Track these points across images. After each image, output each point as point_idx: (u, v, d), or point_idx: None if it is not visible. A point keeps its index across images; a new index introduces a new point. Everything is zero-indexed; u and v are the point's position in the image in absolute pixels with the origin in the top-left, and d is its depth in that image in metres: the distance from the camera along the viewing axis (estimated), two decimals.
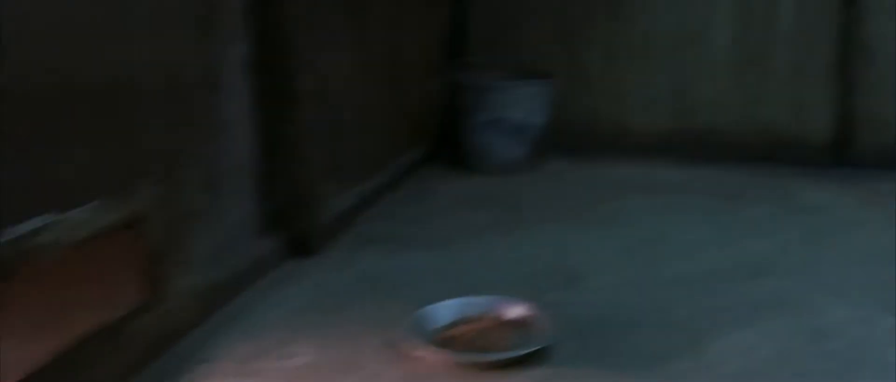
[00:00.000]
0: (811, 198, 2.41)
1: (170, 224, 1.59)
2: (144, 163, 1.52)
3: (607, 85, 2.89)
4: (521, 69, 2.79)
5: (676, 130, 2.89)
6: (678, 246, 2.06)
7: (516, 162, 2.71)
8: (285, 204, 1.97)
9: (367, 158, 2.41)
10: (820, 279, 1.83)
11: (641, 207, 2.36)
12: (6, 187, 1.21)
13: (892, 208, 2.28)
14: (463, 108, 2.73)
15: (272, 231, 1.96)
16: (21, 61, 1.21)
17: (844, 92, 2.72)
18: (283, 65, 1.90)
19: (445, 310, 1.61)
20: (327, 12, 2.09)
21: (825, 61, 2.71)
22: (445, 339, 1.53)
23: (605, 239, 2.10)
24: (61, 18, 1.30)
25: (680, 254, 2.00)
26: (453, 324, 1.58)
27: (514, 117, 2.68)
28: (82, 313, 1.41)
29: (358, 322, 1.65)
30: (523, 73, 2.76)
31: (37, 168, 1.27)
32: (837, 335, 1.57)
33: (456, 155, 2.78)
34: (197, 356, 1.51)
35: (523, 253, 2.01)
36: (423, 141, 2.84)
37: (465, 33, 2.92)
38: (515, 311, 1.60)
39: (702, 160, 2.77)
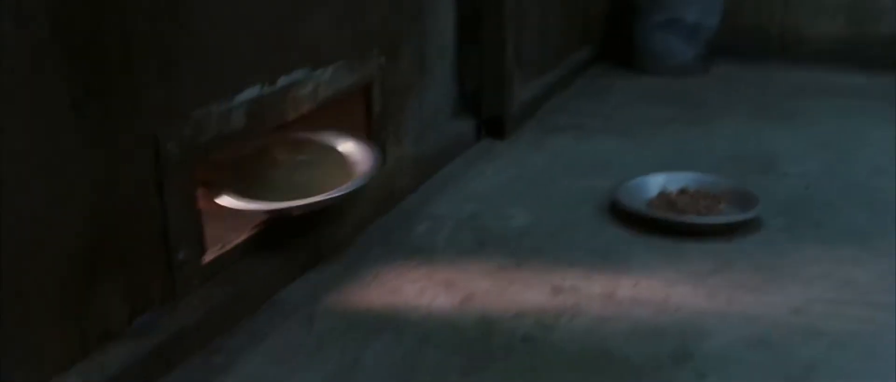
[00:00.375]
0: None
1: (390, 94, 1.70)
2: (372, 36, 1.62)
3: None
4: None
5: (850, 37, 2.82)
6: (868, 140, 2.05)
7: (688, 63, 2.71)
8: (480, 89, 2.06)
9: (545, 54, 2.48)
10: None
11: (822, 108, 2.34)
12: (276, 45, 1.33)
13: None
14: (637, 8, 2.74)
15: (468, 113, 2.06)
16: None
17: None
18: None
19: (655, 181, 1.66)
20: None
21: None
22: (660, 204, 1.59)
23: (792, 134, 2.10)
24: None
25: (871, 148, 1.99)
26: (665, 193, 1.63)
27: (689, 18, 2.67)
28: None
29: (565, 192, 1.73)
30: None
31: (293, 31, 1.38)
32: None
33: (626, 55, 2.80)
34: (421, 213, 1.62)
35: (712, 142, 2.04)
36: (594, 40, 2.88)
37: None
38: (724, 185, 1.65)
39: (878, 68, 2.70)
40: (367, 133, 1.66)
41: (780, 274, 1.37)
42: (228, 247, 1.29)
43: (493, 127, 2.07)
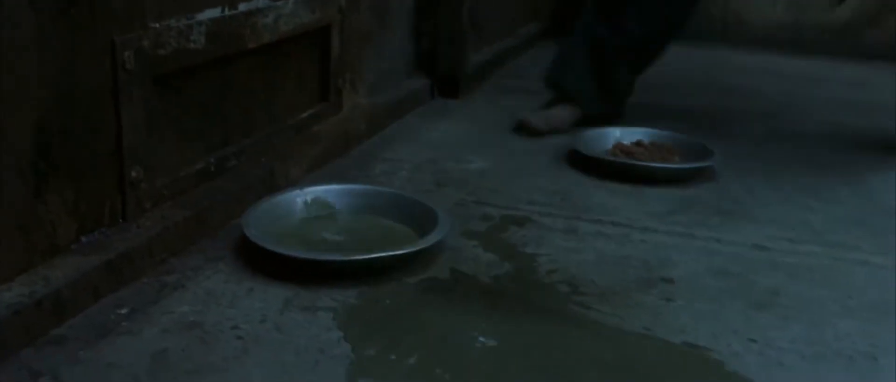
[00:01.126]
0: None
1: (348, 40, 1.67)
2: None
3: None
4: None
5: (791, 23, 2.90)
6: (810, 111, 2.10)
7: None
8: (436, 48, 2.05)
9: (497, 23, 2.49)
10: None
11: (764, 84, 2.40)
12: None
13: None
14: None
15: (423, 71, 2.05)
16: None
17: None
18: None
19: (611, 134, 1.67)
20: None
21: None
22: (617, 154, 1.59)
23: (737, 103, 2.15)
24: None
25: (814, 118, 2.04)
26: (621, 144, 1.64)
27: None
28: (279, 103, 1.50)
29: (522, 144, 1.72)
30: None
31: None
32: None
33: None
34: (378, 156, 1.60)
35: (661, 109, 2.06)
36: (544, 17, 2.91)
37: None
38: (678, 139, 1.66)
39: (817, 52, 2.78)
40: (324, 78, 1.63)
41: (737, 217, 1.38)
42: (185, 172, 1.25)
43: (448, 86, 2.06)
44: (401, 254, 1.12)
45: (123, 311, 1.00)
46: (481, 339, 0.97)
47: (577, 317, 1.04)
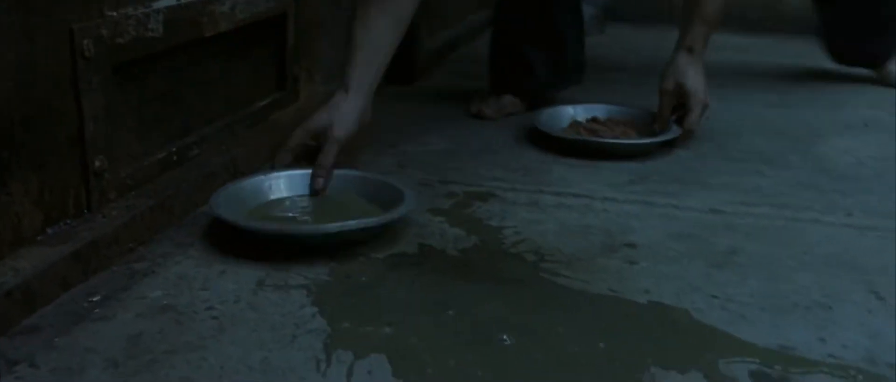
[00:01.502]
0: None
1: (303, 28, 1.67)
2: None
3: None
4: None
5: (733, 1, 2.97)
6: (756, 85, 2.16)
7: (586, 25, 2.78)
8: None
9: (448, 10, 2.51)
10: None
11: (711, 61, 2.44)
12: None
13: None
14: None
15: None
16: None
17: None
18: None
19: (566, 112, 1.71)
20: None
21: None
22: (574, 132, 1.63)
23: None
24: None
25: (759, 91, 2.10)
26: (577, 122, 1.67)
27: None
28: (237, 92, 1.50)
29: (480, 125, 1.75)
30: None
31: None
32: None
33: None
34: None
35: (613, 88, 2.10)
36: (490, 4, 2.92)
37: None
38: (633, 114, 1.70)
39: (759, 30, 2.86)
40: (281, 67, 1.63)
41: (692, 184, 1.43)
42: (148, 161, 1.25)
43: (403, 72, 2.07)
44: (373, 223, 1.14)
45: (95, 298, 1.00)
46: (451, 310, 1.00)
47: (546, 283, 1.07)
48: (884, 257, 1.16)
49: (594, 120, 1.69)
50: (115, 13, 1.14)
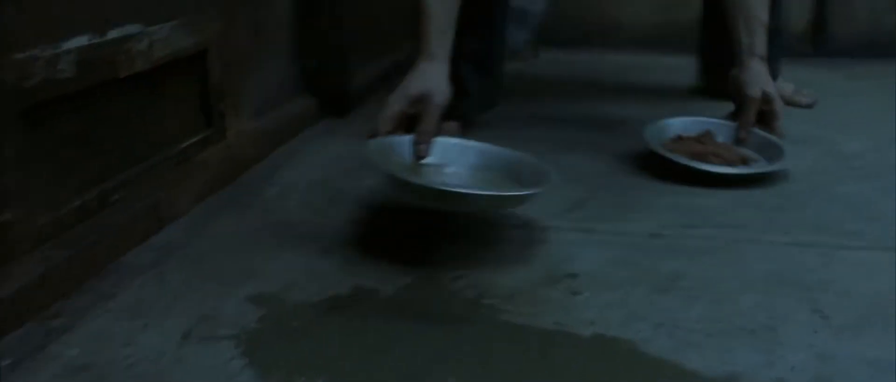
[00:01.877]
0: (799, 75, 2.54)
1: (227, 63, 1.62)
2: None
3: None
4: None
5: (662, 23, 3.01)
6: (688, 106, 2.18)
7: (519, 48, 2.78)
8: (322, 67, 2.02)
9: (379, 40, 2.47)
10: (831, 123, 1.97)
11: (644, 80, 2.47)
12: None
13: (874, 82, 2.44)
14: None
15: (309, 90, 2.02)
16: None
17: None
18: None
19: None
20: None
21: None
22: (681, 148, 1.61)
23: (633, 100, 2.20)
24: None
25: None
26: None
27: (513, 2, 2.74)
28: (159, 133, 1.44)
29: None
30: None
31: None
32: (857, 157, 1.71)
33: None
34: (269, 180, 1.55)
35: (549, 110, 2.09)
36: None
37: None
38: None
39: (688, 50, 2.88)
40: (205, 104, 1.58)
41: (631, 209, 1.41)
42: (65, 209, 1.18)
43: (335, 104, 2.04)
44: (525, 194, 1.19)
45: (6, 363, 0.93)
46: (389, 355, 0.95)
47: (487, 319, 1.03)
48: (824, 273, 1.15)
49: (679, 138, 1.65)
50: (21, 55, 1.07)
